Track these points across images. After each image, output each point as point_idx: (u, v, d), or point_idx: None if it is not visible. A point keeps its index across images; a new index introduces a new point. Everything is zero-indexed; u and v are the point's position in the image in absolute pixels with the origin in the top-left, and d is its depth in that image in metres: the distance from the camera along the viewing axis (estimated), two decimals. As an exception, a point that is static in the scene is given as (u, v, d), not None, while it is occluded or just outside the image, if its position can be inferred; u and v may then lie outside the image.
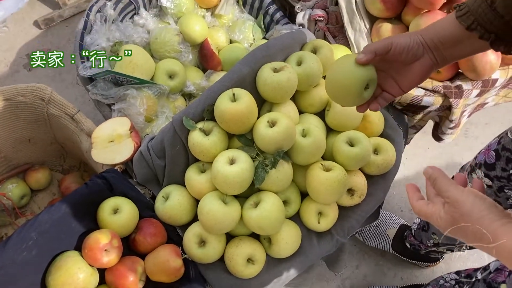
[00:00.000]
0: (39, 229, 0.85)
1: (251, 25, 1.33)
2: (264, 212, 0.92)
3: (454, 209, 0.57)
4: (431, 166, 0.65)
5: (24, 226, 0.85)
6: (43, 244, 0.85)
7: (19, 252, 0.83)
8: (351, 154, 0.98)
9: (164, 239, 0.99)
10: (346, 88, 0.74)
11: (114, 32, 1.17)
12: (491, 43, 0.67)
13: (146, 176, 1.04)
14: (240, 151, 0.96)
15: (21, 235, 0.83)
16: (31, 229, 0.84)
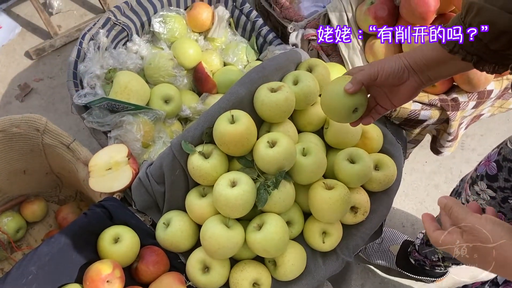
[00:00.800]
0: (38, 262, 0.82)
1: (244, 47, 1.34)
2: (269, 234, 0.90)
3: (473, 237, 0.56)
4: (445, 196, 0.65)
5: (23, 260, 0.82)
6: (43, 278, 0.83)
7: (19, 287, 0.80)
8: (352, 171, 0.98)
9: (167, 267, 0.96)
10: (336, 112, 0.83)
11: (107, 59, 1.16)
12: (475, 64, 0.69)
13: (145, 203, 1.02)
14: (241, 173, 0.94)
15: (20, 269, 0.81)
16: (31, 263, 0.82)
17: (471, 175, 1.04)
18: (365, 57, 1.19)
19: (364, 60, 1.18)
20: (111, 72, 1.15)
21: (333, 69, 1.14)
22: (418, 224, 1.48)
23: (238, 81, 1.01)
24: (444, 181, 1.55)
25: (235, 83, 1.00)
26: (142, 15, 1.28)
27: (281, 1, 1.28)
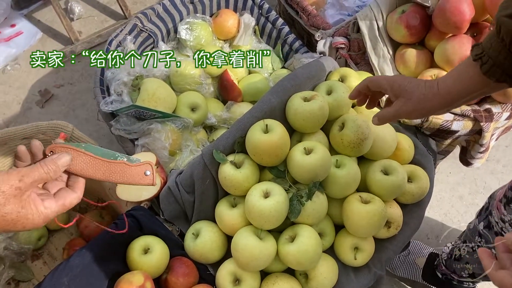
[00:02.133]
0: (70, 274, 0.81)
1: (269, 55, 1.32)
2: (302, 246, 0.88)
3: None
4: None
5: (55, 271, 0.80)
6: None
7: (51, 299, 0.78)
8: (387, 183, 0.95)
9: (197, 279, 0.94)
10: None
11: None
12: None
13: (174, 212, 1.00)
14: (273, 183, 0.92)
15: (52, 281, 0.79)
16: (63, 274, 0.80)
17: (505, 193, 1.00)
18: (396, 66, 1.17)
19: (394, 69, 1.16)
20: (138, 79, 1.13)
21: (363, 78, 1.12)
22: (443, 236, 1.45)
23: (270, 90, 0.99)
24: (469, 193, 1.52)
25: (267, 92, 0.99)
26: (168, 22, 1.27)
27: (309, 9, 1.27)
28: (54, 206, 0.56)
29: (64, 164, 0.57)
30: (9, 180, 0.52)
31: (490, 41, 0.63)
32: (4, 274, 1.17)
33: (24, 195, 0.53)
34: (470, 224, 1.12)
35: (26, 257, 1.22)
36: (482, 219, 1.03)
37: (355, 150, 0.97)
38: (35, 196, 0.54)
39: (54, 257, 1.26)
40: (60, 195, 0.58)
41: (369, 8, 1.16)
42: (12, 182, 0.52)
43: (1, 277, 1.17)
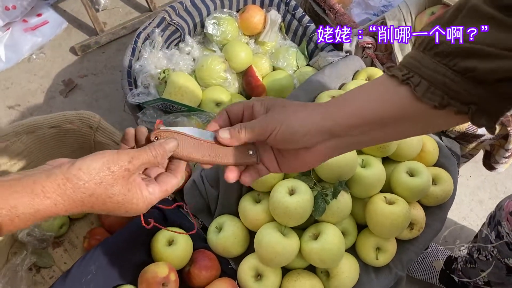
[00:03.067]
0: (98, 262, 0.82)
1: (294, 52, 1.32)
2: (326, 244, 0.89)
3: None
4: None
5: (83, 259, 0.82)
6: (101, 278, 0.83)
7: (78, 286, 0.79)
8: (412, 185, 0.95)
9: (219, 272, 0.95)
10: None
11: (161, 60, 1.16)
12: (472, 115, 0.49)
13: (198, 205, 1.01)
14: (298, 181, 0.93)
15: (80, 268, 0.81)
16: (90, 262, 0.82)
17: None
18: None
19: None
20: (165, 72, 1.14)
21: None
22: (461, 240, 1.45)
23: (298, 86, 0.99)
24: (489, 197, 1.51)
25: (296, 89, 0.99)
26: (195, 16, 1.27)
27: (336, 7, 1.26)
28: (157, 192, 0.53)
29: (171, 149, 0.54)
30: (119, 160, 0.50)
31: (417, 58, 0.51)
32: (26, 260, 1.19)
33: (131, 178, 0.51)
34: (481, 232, 1.11)
35: (48, 244, 1.24)
36: (492, 228, 1.02)
37: (381, 150, 0.97)
38: (140, 180, 0.52)
39: (74, 245, 1.28)
40: (162, 179, 0.55)
41: (398, 9, 1.15)
42: (121, 163, 0.49)
43: (24, 263, 1.19)
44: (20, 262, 1.18)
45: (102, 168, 0.49)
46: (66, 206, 0.47)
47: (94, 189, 0.48)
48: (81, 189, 0.47)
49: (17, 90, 1.56)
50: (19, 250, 1.22)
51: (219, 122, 0.57)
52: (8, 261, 1.20)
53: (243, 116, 0.58)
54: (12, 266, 1.17)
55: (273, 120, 0.54)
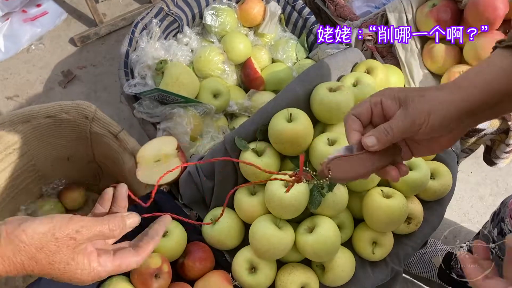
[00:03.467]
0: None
1: (294, 44, 1.31)
2: (321, 237, 0.87)
3: None
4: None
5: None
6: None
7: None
8: (410, 179, 0.94)
9: (213, 264, 0.94)
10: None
11: (159, 50, 1.15)
12: None
13: (193, 197, 1.00)
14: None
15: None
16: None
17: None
18: (423, 61, 1.15)
19: (421, 64, 1.14)
20: (162, 63, 1.13)
21: (390, 72, 1.11)
22: (461, 236, 1.43)
23: (295, 78, 0.98)
24: (490, 194, 1.50)
25: (292, 81, 0.97)
26: (194, 6, 1.26)
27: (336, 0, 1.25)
28: (109, 266, 0.51)
29: (132, 225, 0.53)
30: (67, 228, 0.48)
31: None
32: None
33: (78, 247, 0.49)
34: (484, 229, 1.10)
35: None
36: (495, 225, 1.01)
37: None
38: (91, 250, 0.50)
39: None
40: (120, 254, 0.53)
41: (398, 1, 1.14)
42: (68, 231, 0.48)
43: (20, 253, 1.18)
44: (16, 252, 1.18)
45: (46, 234, 0.47)
46: (6, 267, 0.46)
47: (35, 253, 0.47)
48: (21, 252, 0.46)
49: (16, 80, 1.56)
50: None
51: (355, 129, 0.55)
52: (4, 251, 1.20)
53: (373, 114, 0.56)
54: (8, 257, 1.17)
55: (419, 113, 0.51)
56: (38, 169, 1.17)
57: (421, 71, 1.14)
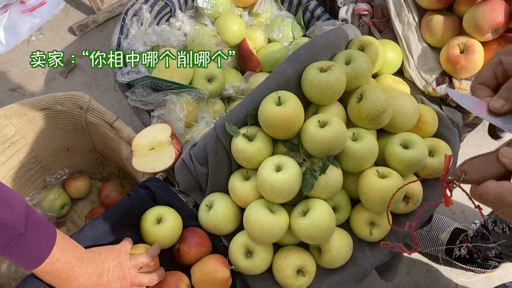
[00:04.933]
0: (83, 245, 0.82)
1: (290, 23, 1.28)
2: (314, 220, 0.87)
3: None
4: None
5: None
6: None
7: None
8: (406, 157, 0.92)
9: (209, 249, 0.95)
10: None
11: (151, 36, 1.13)
12: None
13: (188, 184, 1.00)
14: (286, 157, 0.90)
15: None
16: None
17: None
18: (421, 34, 1.11)
19: (419, 37, 1.10)
20: (154, 49, 1.12)
21: (386, 47, 1.07)
22: (469, 212, 1.41)
23: (285, 59, 0.95)
24: (499, 167, 1.46)
25: (282, 62, 0.95)
26: (185, -11, 1.24)
27: (331, -26, 1.21)
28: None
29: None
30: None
31: None
32: (30, 240, 1.22)
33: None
34: None
35: (51, 224, 1.26)
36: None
37: (373, 123, 0.93)
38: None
39: (77, 225, 1.30)
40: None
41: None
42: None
43: (27, 243, 1.21)
44: (24, 242, 1.20)
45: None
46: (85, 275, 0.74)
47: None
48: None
49: (18, 72, 1.57)
50: (23, 230, 1.24)
51: (486, 96, 0.52)
52: (13, 241, 1.22)
53: (497, 77, 0.53)
54: (17, 246, 1.20)
55: None
56: (39, 160, 1.19)
57: (420, 45, 1.10)
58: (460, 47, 1.03)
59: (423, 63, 1.09)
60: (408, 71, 1.09)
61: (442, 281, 1.31)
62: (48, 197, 1.24)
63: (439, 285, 1.30)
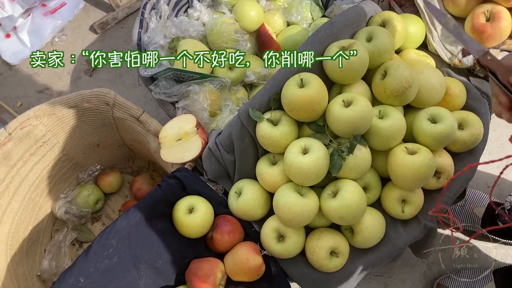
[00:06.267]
0: (118, 235, 0.84)
1: (308, 4, 1.26)
2: (345, 201, 0.86)
3: None
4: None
5: (102, 234, 0.84)
6: (123, 250, 0.85)
7: (101, 260, 0.82)
8: (435, 132, 0.90)
9: (242, 236, 0.96)
10: None
11: (170, 28, 1.14)
12: None
13: (216, 172, 1.01)
14: (312, 139, 0.90)
15: (101, 243, 0.83)
16: (110, 236, 0.84)
17: None
18: (444, 5, 1.08)
19: (442, 9, 1.07)
20: (175, 41, 1.13)
21: (408, 21, 1.05)
22: (504, 184, 1.37)
23: (305, 41, 0.95)
24: (533, 137, 1.41)
25: (303, 44, 0.94)
26: (201, -21, 1.24)
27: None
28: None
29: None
30: None
31: None
32: (68, 236, 1.26)
33: None
34: None
35: (86, 220, 1.29)
36: None
37: (399, 99, 0.91)
38: None
39: (111, 219, 1.33)
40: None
41: None
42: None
43: (66, 239, 1.25)
44: (62, 238, 1.25)
45: None
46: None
47: None
48: None
49: (44, 74, 1.61)
50: (60, 227, 1.28)
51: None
52: (52, 238, 1.27)
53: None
54: (56, 243, 1.24)
55: None
56: (71, 158, 1.22)
57: (443, 16, 1.07)
58: (485, 15, 1.00)
59: (447, 35, 1.06)
60: (432, 44, 1.06)
61: (480, 256, 1.29)
62: (82, 194, 1.27)
63: (477, 260, 1.28)
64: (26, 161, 1.09)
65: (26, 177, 1.11)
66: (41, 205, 1.21)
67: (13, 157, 1.06)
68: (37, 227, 1.20)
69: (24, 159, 1.08)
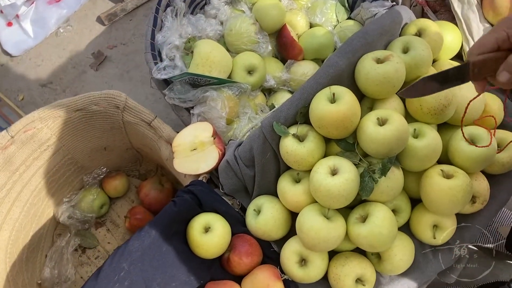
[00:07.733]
0: (130, 258, 0.77)
1: (333, 5, 1.18)
2: (375, 228, 0.80)
3: None
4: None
5: (114, 256, 0.78)
6: (135, 274, 0.78)
7: (111, 284, 0.76)
8: (474, 154, 0.83)
9: (260, 258, 0.89)
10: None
11: (186, 27, 1.06)
12: None
13: (234, 186, 0.94)
14: (341, 158, 0.83)
15: (112, 265, 0.77)
16: (122, 259, 0.77)
17: None
18: (483, 14, 1.00)
19: (481, 17, 1.00)
20: (191, 42, 1.05)
21: (444, 30, 0.97)
22: (529, 201, 1.31)
23: (337, 50, 0.87)
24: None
25: (334, 53, 0.87)
26: (220, -26, 1.15)
27: (378, -51, 1.10)
28: None
29: None
30: None
31: None
32: (71, 241, 1.19)
33: None
34: None
35: (90, 225, 1.23)
36: None
37: (436, 117, 0.84)
38: None
39: (116, 224, 1.26)
40: None
41: None
42: None
43: (69, 245, 1.19)
44: (65, 244, 1.18)
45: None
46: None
47: None
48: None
49: (48, 66, 1.53)
50: (63, 231, 1.22)
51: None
52: (54, 243, 1.20)
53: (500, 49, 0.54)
54: (58, 249, 1.17)
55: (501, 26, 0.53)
56: (76, 161, 1.15)
57: (482, 26, 0.99)
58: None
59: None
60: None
61: (502, 277, 1.23)
62: (87, 198, 1.20)
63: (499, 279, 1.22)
64: (29, 166, 1.02)
65: (28, 182, 1.04)
66: (43, 210, 1.14)
67: (16, 162, 0.99)
68: (38, 232, 1.14)
69: (27, 163, 1.01)
